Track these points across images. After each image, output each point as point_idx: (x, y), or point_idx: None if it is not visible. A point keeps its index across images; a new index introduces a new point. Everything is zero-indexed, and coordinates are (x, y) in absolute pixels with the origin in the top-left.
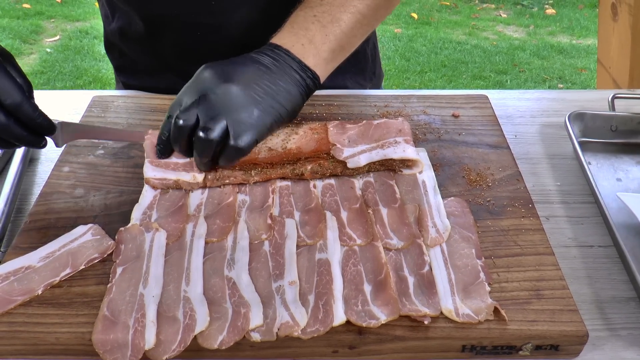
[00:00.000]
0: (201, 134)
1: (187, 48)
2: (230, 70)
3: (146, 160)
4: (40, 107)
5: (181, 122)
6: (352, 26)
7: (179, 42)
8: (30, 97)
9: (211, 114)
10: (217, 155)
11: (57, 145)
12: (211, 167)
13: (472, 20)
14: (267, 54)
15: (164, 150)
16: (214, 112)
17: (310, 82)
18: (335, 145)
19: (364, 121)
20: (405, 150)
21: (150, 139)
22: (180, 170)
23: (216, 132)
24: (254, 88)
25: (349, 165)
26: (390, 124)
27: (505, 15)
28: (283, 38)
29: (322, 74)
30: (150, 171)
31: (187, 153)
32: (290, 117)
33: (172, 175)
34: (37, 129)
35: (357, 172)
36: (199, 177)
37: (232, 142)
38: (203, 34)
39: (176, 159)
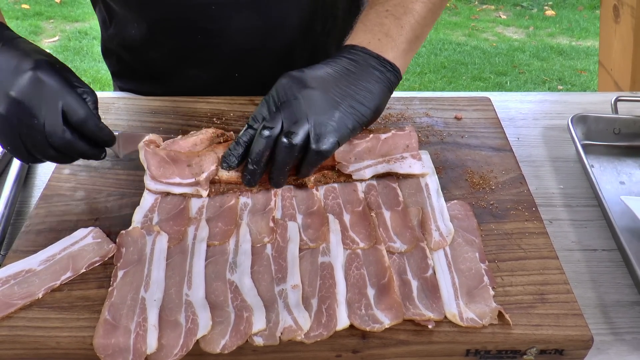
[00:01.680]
0: (284, 139)
1: (187, 53)
2: (308, 76)
3: (147, 174)
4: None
5: (267, 132)
6: (425, 15)
7: (178, 47)
8: (95, 108)
9: (293, 118)
10: (297, 165)
11: (118, 156)
12: (283, 183)
13: (472, 22)
14: (344, 56)
15: (237, 162)
16: (296, 117)
17: (391, 76)
18: (341, 162)
19: (371, 135)
20: (411, 166)
21: (145, 149)
22: (184, 186)
23: (300, 136)
24: (333, 91)
25: (354, 177)
26: (397, 139)
27: (504, 17)
28: (357, 37)
29: (402, 65)
30: (152, 185)
31: (264, 166)
32: (374, 116)
33: (176, 190)
34: (98, 142)
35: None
36: (204, 193)
37: (313, 145)
38: (203, 38)
39: (180, 179)
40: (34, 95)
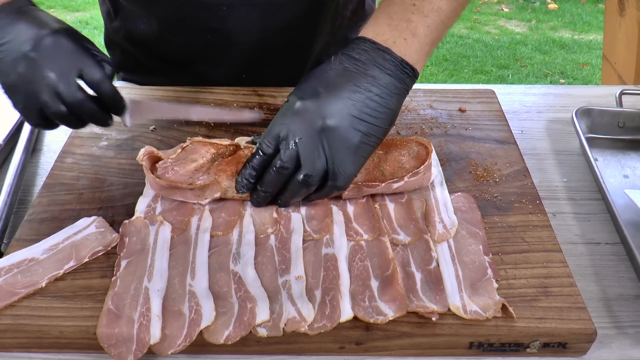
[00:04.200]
0: (301, 177)
1: (195, 51)
2: (326, 101)
3: (147, 182)
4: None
5: (283, 170)
6: (450, 15)
7: (187, 45)
8: (111, 77)
9: (312, 158)
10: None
11: (126, 124)
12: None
13: (474, 14)
14: (362, 61)
15: (249, 187)
16: (315, 156)
17: (410, 83)
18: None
19: (383, 184)
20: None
21: (147, 173)
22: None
23: (318, 177)
24: (352, 120)
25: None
26: (409, 185)
27: (507, 10)
28: (382, 33)
29: (421, 68)
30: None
31: (275, 193)
32: (387, 133)
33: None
34: (110, 107)
35: None
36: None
37: (330, 183)
38: (212, 37)
39: (183, 199)
40: (51, 53)
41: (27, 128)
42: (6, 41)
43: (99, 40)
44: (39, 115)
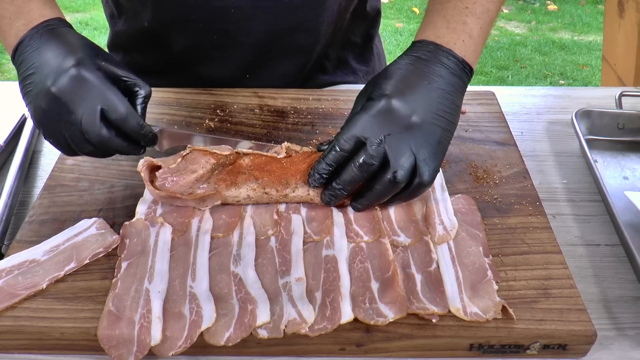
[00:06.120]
0: (390, 175)
1: (200, 51)
2: (409, 98)
3: (147, 190)
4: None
5: (368, 165)
6: (495, 15)
7: (192, 45)
8: (143, 103)
9: (401, 154)
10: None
11: (160, 150)
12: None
13: None
14: (430, 61)
15: (321, 182)
16: (403, 152)
17: (467, 81)
18: None
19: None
20: None
21: (147, 184)
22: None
23: (407, 174)
24: (433, 115)
25: None
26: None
27: (506, 11)
28: (442, 36)
29: (475, 67)
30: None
31: (351, 190)
32: (455, 130)
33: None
34: (139, 141)
35: None
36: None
37: (417, 179)
38: (220, 38)
39: (183, 205)
40: (73, 92)
41: (27, 130)
42: (31, 73)
43: (99, 41)
44: (68, 148)
